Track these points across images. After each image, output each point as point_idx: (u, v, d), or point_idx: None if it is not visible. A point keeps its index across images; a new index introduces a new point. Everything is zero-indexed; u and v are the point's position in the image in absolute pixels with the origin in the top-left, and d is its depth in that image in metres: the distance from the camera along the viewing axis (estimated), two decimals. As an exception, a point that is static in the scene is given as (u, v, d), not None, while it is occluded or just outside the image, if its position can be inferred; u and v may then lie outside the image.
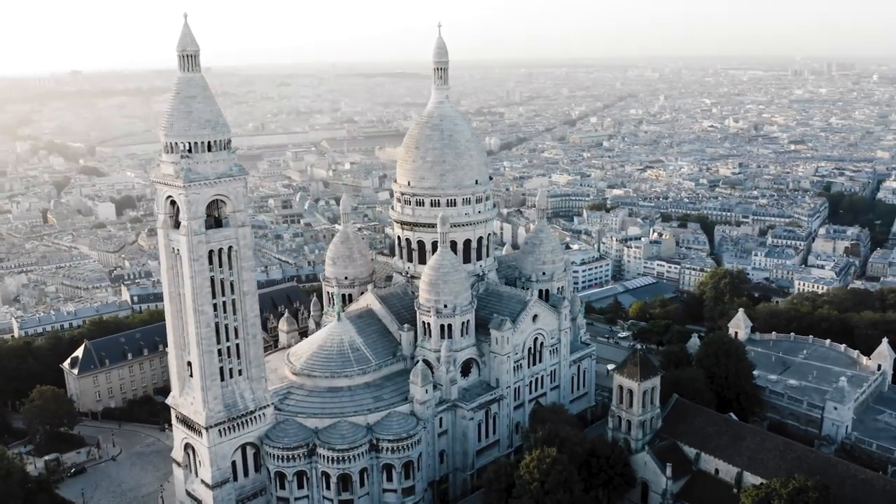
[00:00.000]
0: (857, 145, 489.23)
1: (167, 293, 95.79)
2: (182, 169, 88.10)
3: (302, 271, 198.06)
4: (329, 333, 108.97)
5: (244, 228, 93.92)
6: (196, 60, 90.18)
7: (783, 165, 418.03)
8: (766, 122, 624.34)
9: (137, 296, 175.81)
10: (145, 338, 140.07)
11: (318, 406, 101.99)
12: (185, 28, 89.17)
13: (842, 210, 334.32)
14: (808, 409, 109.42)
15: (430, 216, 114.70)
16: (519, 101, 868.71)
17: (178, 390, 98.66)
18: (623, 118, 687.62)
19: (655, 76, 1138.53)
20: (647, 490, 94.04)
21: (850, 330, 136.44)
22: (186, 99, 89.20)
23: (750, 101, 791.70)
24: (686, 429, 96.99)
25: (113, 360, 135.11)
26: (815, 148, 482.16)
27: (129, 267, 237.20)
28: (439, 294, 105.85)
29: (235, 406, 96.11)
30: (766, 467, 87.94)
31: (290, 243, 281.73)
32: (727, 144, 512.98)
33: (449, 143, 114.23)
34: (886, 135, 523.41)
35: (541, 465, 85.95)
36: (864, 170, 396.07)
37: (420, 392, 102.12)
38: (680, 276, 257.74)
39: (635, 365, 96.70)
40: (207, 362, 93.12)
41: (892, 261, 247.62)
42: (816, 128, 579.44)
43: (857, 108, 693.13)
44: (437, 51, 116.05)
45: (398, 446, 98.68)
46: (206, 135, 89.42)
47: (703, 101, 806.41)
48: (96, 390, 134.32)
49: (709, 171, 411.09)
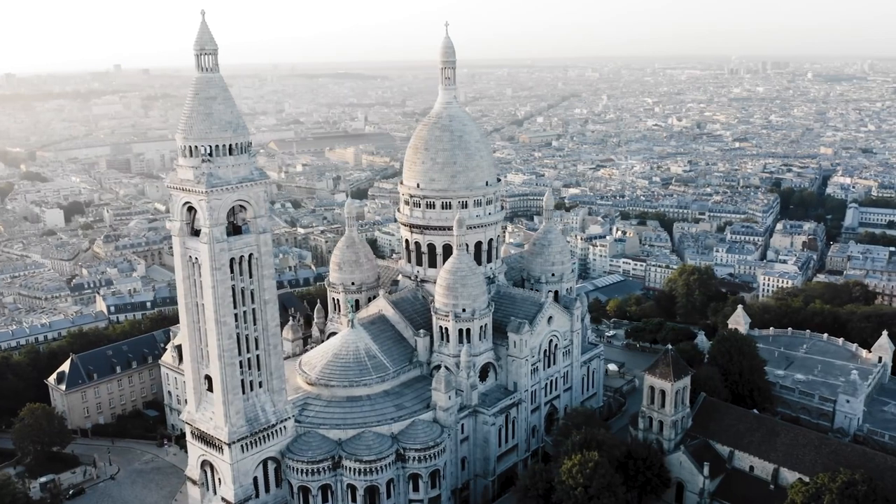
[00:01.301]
0: (799, 142, 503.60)
1: (183, 304, 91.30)
2: (203, 174, 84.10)
3: (283, 276, 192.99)
4: (343, 341, 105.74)
5: (265, 235, 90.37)
6: (214, 59, 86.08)
7: (731, 163, 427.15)
8: (708, 121, 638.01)
9: (115, 306, 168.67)
10: (133, 350, 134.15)
11: (339, 417, 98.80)
12: (203, 26, 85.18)
13: (792, 205, 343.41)
14: (820, 403, 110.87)
15: (441, 219, 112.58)
16: (464, 101, 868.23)
17: (194, 405, 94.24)
18: (569, 118, 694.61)
19: (596, 76, 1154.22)
20: (683, 490, 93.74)
21: (842, 324, 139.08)
22: (206, 100, 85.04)
23: (690, 100, 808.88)
24: (717, 427, 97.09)
25: (101, 374, 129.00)
26: (759, 145, 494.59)
27: (87, 275, 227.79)
28: (457, 298, 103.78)
29: (257, 420, 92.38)
30: (802, 462, 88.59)
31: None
32: (673, 143, 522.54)
33: (459, 143, 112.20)
34: (826, 131, 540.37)
35: (584, 470, 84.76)
36: (810, 166, 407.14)
37: (443, 399, 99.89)
38: (646, 273, 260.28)
39: (667, 365, 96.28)
40: (229, 375, 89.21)
41: (851, 254, 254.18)
42: (758, 125, 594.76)
43: (795, 105, 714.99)
44: (444, 50, 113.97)
45: (425, 455, 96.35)
46: (228, 137, 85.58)
47: (644, 100, 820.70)
48: (85, 406, 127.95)
49: (659, 169, 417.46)
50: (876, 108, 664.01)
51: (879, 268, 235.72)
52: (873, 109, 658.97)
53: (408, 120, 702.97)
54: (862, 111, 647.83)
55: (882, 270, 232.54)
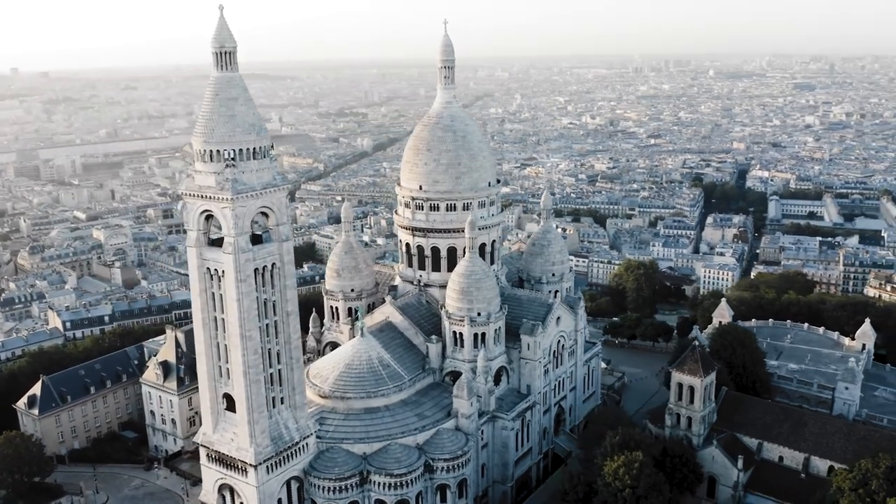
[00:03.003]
0: (711, 138, 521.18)
1: (199, 319, 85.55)
2: (227, 179, 78.93)
3: None
4: (355, 351, 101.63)
5: (288, 243, 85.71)
6: (234, 58, 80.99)
7: (650, 159, 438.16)
8: (620, 118, 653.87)
9: (70, 322, 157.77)
10: (106, 368, 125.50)
11: (361, 430, 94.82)
12: (221, 22, 79.88)
13: (714, 199, 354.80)
14: (819, 391, 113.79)
15: (446, 221, 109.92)
16: (379, 101, 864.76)
17: (210, 426, 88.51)
18: (484, 117, 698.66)
19: (505, 76, 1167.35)
20: (715, 484, 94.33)
21: (817, 313, 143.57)
22: (228, 101, 79.80)
23: (601, 99, 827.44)
24: (743, 420, 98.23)
25: (75, 396, 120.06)
26: (673, 141, 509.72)
27: (16, 289, 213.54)
28: (472, 302, 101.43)
29: (281, 438, 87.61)
30: (833, 450, 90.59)
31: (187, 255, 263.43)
32: (590, 140, 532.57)
33: (463, 144, 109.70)
34: (734, 127, 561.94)
35: (630, 471, 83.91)
36: (727, 161, 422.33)
37: (466, 405, 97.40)
38: (588, 269, 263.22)
39: (696, 361, 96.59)
40: (255, 393, 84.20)
41: (783, 245, 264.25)
42: (668, 122, 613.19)
43: (701, 102, 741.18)
44: (443, 49, 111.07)
45: (453, 465, 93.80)
46: (251, 141, 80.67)
47: (557, 99, 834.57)
48: (59, 431, 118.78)
49: (583, 166, 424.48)
50: (779, 104, 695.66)
51: (812, 257, 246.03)
52: (777, 105, 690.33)
53: (324, 121, 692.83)
54: (766, 106, 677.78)
55: (817, 260, 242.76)
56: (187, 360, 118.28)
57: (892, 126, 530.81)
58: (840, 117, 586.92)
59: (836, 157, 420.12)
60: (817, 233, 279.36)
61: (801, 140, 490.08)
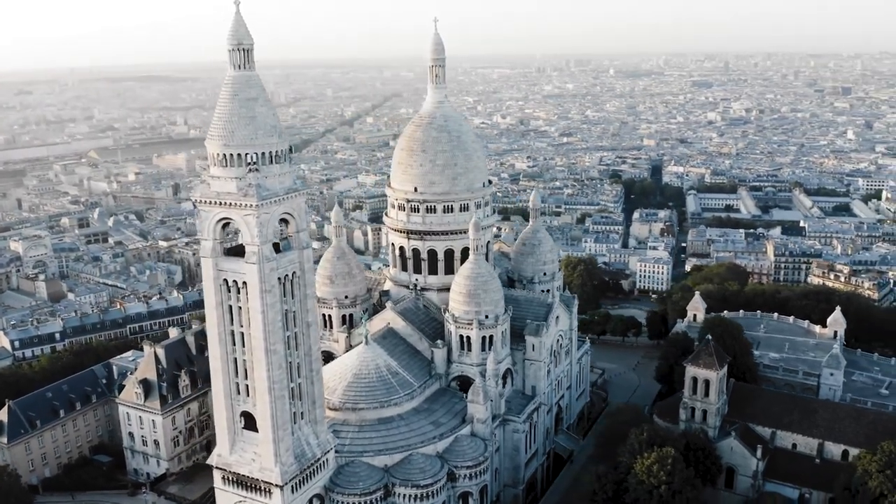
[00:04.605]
0: (620, 135, 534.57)
1: (214, 334, 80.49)
2: (251, 185, 74.53)
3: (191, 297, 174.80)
4: (361, 360, 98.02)
5: (308, 251, 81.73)
6: (251, 56, 76.53)
7: (567, 157, 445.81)
8: (530, 118, 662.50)
9: (19, 341, 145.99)
10: (74, 389, 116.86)
11: (379, 441, 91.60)
12: (238, 18, 75.50)
13: (634, 195, 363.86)
14: (804, 378, 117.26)
15: (443, 223, 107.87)
16: (286, 102, 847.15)
17: (227, 447, 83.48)
18: (396, 117, 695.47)
19: (411, 76, 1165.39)
20: (734, 475, 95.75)
21: (781, 302, 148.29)
22: (247, 101, 75.31)
23: (508, 98, 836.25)
24: (754, 410, 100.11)
25: (45, 421, 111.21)
26: (585, 140, 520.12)
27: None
28: (480, 305, 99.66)
29: (304, 455, 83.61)
30: (845, 434, 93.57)
31: (112, 265, 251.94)
32: (504, 140, 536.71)
33: (458, 144, 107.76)
34: (640, 124, 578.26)
35: (664, 466, 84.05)
36: (641, 157, 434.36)
37: (481, 410, 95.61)
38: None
39: (710, 355, 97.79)
40: (280, 409, 79.96)
41: (711, 238, 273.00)
42: (577, 121, 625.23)
43: (605, 100, 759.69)
44: (434, 47, 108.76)
45: (475, 472, 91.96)
46: (273, 143, 76.47)
47: (465, 98, 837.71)
48: (30, 459, 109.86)
49: (503, 165, 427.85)
50: (680, 101, 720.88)
51: (741, 249, 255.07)
52: (678, 102, 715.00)
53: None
54: (668, 104, 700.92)
55: (746, 251, 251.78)
56: (169, 377, 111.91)
57: (790, 121, 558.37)
58: (740, 113, 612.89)
59: (743, 152, 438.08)
60: (738, 225, 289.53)
61: (706, 136, 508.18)
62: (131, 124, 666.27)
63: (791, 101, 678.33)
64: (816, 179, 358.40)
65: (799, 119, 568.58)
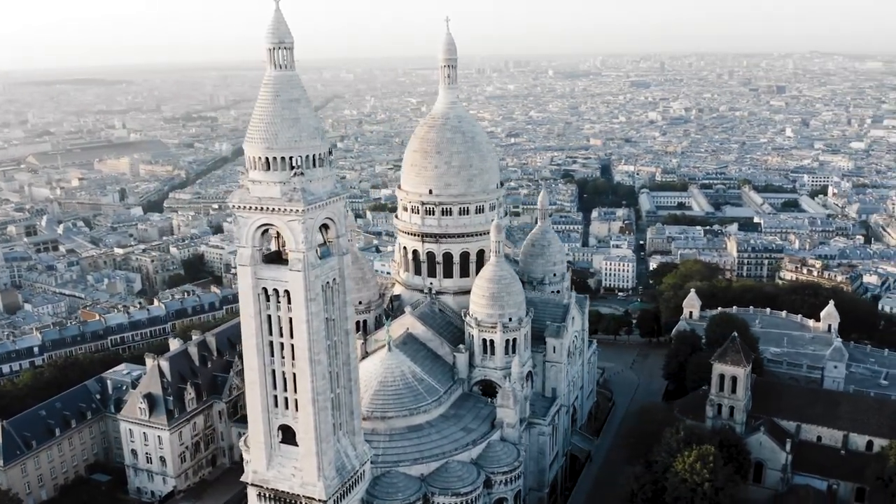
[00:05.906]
0: (566, 135, 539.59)
1: (252, 345, 77.01)
2: (296, 189, 71.54)
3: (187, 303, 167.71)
4: (385, 367, 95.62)
5: (347, 256, 78.98)
6: (292, 55, 73.60)
7: (517, 157, 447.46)
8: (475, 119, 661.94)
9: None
10: (68, 406, 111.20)
11: (413, 450, 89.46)
12: (278, 15, 72.50)
13: (586, 194, 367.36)
14: (808, 372, 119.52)
15: (459, 225, 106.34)
16: (226, 104, 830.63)
17: (263, 462, 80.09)
18: (340, 119, 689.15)
19: (351, 77, 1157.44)
20: (762, 469, 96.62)
21: (770, 298, 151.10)
22: (290, 103, 72.35)
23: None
24: (778, 405, 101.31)
25: (40, 441, 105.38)
26: (532, 140, 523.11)
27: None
28: (504, 308, 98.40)
29: (344, 468, 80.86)
30: (869, 425, 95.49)
31: (67, 274, 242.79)
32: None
33: (473, 145, 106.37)
34: (584, 125, 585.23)
35: (707, 464, 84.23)
36: (590, 157, 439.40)
37: (511, 415, 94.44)
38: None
39: (737, 352, 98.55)
40: (323, 421, 77.09)
41: (671, 236, 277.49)
42: (522, 121, 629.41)
43: (547, 101, 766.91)
44: (446, 48, 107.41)
45: (511, 478, 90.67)
46: (317, 146, 73.66)
47: (409, 100, 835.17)
48: (26, 481, 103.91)
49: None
50: (620, 101, 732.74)
51: (701, 246, 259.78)
52: (619, 102, 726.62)
53: (172, 126, 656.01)
54: (609, 104, 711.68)
55: (706, 248, 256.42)
56: (175, 390, 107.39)
57: (729, 119, 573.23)
58: (679, 112, 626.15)
59: (687, 150, 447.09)
60: (693, 222, 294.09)
61: (650, 135, 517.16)
62: (68, 128, 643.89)
63: (728, 100, 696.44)
64: (763, 176, 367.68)
65: (737, 118, 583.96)
